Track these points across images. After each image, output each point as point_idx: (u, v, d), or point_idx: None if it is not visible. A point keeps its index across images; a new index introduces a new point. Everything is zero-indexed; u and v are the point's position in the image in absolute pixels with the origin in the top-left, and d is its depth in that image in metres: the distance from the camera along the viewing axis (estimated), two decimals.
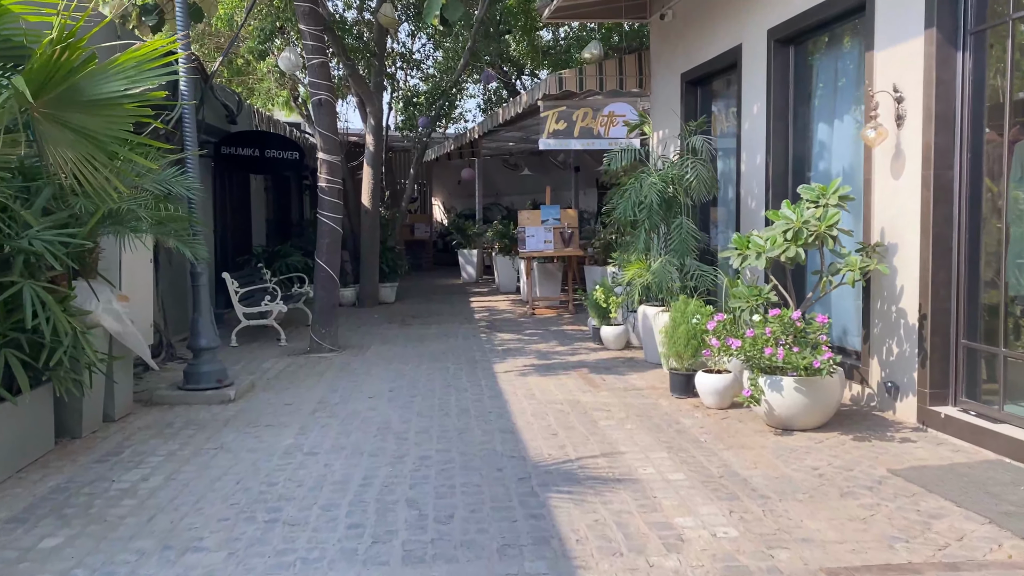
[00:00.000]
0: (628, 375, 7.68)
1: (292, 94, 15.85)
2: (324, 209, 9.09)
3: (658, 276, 7.38)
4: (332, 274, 9.14)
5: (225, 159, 10.90)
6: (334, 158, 9.02)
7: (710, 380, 6.22)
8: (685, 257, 7.53)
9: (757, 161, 7.96)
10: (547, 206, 13.08)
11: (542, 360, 8.52)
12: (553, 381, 7.42)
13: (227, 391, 6.84)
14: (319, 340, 9.09)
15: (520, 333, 10.52)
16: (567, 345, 9.51)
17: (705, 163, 7.61)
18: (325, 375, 7.86)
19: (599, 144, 11.24)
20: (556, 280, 13.32)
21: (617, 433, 5.63)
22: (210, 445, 5.51)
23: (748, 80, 8.13)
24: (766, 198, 7.74)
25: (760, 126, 7.86)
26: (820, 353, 5.35)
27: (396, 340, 10.00)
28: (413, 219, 23.37)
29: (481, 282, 18.13)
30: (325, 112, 8.96)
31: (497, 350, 9.20)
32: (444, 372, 7.90)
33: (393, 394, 6.96)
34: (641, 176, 7.88)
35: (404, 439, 5.55)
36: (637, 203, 7.71)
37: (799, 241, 5.44)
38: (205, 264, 6.96)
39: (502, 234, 15.89)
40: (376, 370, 8.04)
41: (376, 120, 13.57)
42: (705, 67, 9.20)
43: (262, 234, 14.75)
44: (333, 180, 9.04)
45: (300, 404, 6.67)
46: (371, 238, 13.65)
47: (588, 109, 11.15)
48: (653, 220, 7.68)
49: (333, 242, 9.15)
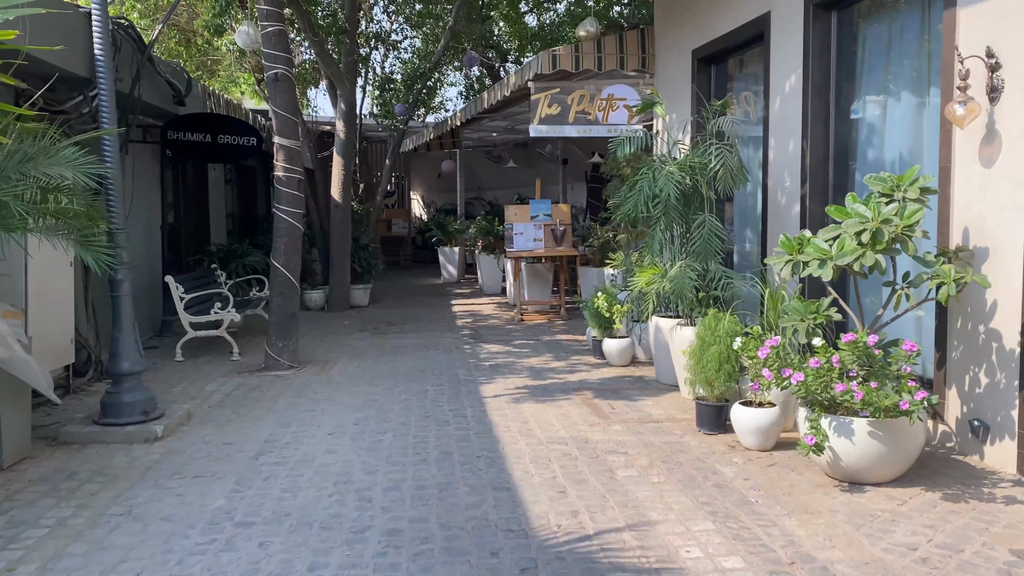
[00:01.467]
0: (640, 400, 6.47)
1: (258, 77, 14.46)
2: (281, 203, 7.80)
3: (676, 284, 6.17)
4: (291, 278, 7.85)
5: (173, 145, 9.56)
6: (292, 143, 7.73)
7: (751, 416, 5.03)
8: (708, 261, 6.33)
9: (790, 148, 6.78)
10: (537, 200, 11.86)
11: (537, 380, 7.30)
12: (553, 409, 6.19)
13: (154, 426, 5.55)
14: (276, 356, 7.80)
15: (509, 343, 9.29)
16: (563, 359, 8.28)
17: (732, 149, 6.41)
18: (279, 401, 6.58)
19: (596, 131, 10.03)
20: (546, 282, 12.10)
21: (642, 489, 4.41)
22: (115, 509, 4.23)
23: (779, 53, 6.94)
24: (801, 192, 6.56)
25: (794, 107, 6.67)
26: (906, 390, 4.16)
27: (367, 353, 8.73)
28: (390, 214, 22.07)
29: (463, 282, 16.87)
30: (282, 89, 7.67)
31: (484, 366, 7.97)
32: (422, 397, 6.65)
33: (359, 429, 5.70)
34: (655, 166, 6.67)
35: (368, 500, 4.29)
36: (651, 197, 6.49)
37: (879, 245, 4.23)
38: (125, 270, 5.65)
39: (486, 231, 14.65)
40: (340, 394, 6.77)
41: (347, 105, 12.25)
42: (722, 41, 7.99)
43: (222, 231, 13.39)
44: (291, 169, 7.75)
45: (242, 444, 5.39)
46: (342, 235, 12.35)
47: (584, 92, 9.93)
48: (670, 217, 6.47)
49: (292, 241, 7.86)
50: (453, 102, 23.21)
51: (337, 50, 12.89)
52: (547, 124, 9.98)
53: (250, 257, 10.57)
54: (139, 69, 7.80)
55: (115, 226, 5.56)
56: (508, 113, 15.60)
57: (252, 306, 9.67)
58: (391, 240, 21.72)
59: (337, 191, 12.34)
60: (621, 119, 9.92)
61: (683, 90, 8.90)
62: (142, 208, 9.68)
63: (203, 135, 9.47)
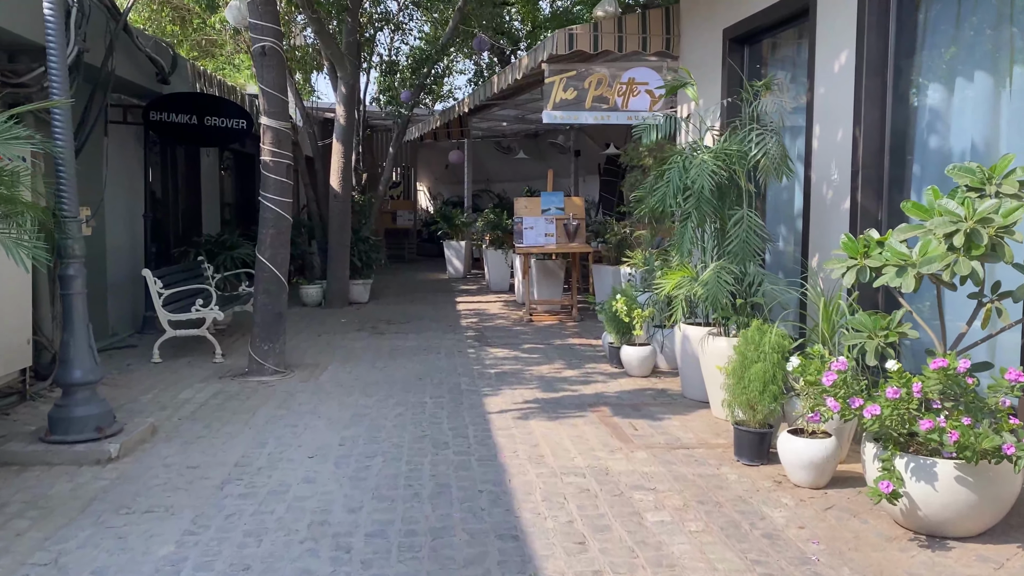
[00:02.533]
0: (666, 419, 5.71)
1: None
2: (268, 191, 7.05)
3: (710, 289, 5.40)
4: (277, 274, 7.11)
5: (156, 127, 8.81)
6: (281, 124, 6.97)
7: (803, 448, 4.26)
8: (747, 263, 5.56)
9: (838, 136, 5.99)
10: (548, 193, 11.08)
11: (547, 392, 6.54)
12: (567, 429, 5.44)
13: (108, 445, 4.82)
14: (260, 359, 7.07)
15: (517, 348, 8.53)
16: (577, 367, 7.53)
17: (776, 135, 5.63)
18: (259, 413, 5.84)
19: (616, 118, 9.24)
20: (557, 280, 11.33)
21: (677, 541, 3.65)
22: (40, 557, 3.50)
23: (826, 28, 6.15)
24: (852, 186, 5.78)
25: (844, 89, 5.88)
26: (1008, 428, 3.38)
27: (362, 356, 7.99)
28: (395, 205, 21.33)
29: (469, 278, 16.12)
30: (269, 64, 6.91)
31: (489, 374, 7.21)
32: (419, 411, 5.90)
33: (344, 451, 4.95)
34: (685, 154, 5.89)
35: (347, 551, 3.54)
36: (681, 189, 5.71)
37: (976, 249, 3.45)
38: (78, 264, 4.91)
39: (494, 224, 13.88)
40: (327, 407, 6.03)
41: (348, 88, 11.49)
42: (758, 18, 7.20)
43: (216, 220, 12.66)
44: (280, 153, 7.00)
45: (209, 467, 4.66)
46: (340, 227, 11.60)
47: (603, 75, 9.14)
48: (702, 213, 5.69)
49: (279, 233, 7.11)
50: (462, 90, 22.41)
51: (338, 29, 12.12)
52: (562, 110, 9.20)
53: (240, 249, 9.84)
54: (112, 40, 7.05)
55: (65, 213, 4.82)
56: (519, 101, 14.83)
57: (241, 302, 8.95)
58: (396, 232, 20.99)
59: (336, 180, 11.59)
60: (643, 105, 9.13)
61: (712, 73, 8.11)
62: (123, 195, 8.96)
63: (189, 116, 8.72)
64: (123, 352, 8.19)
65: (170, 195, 10.83)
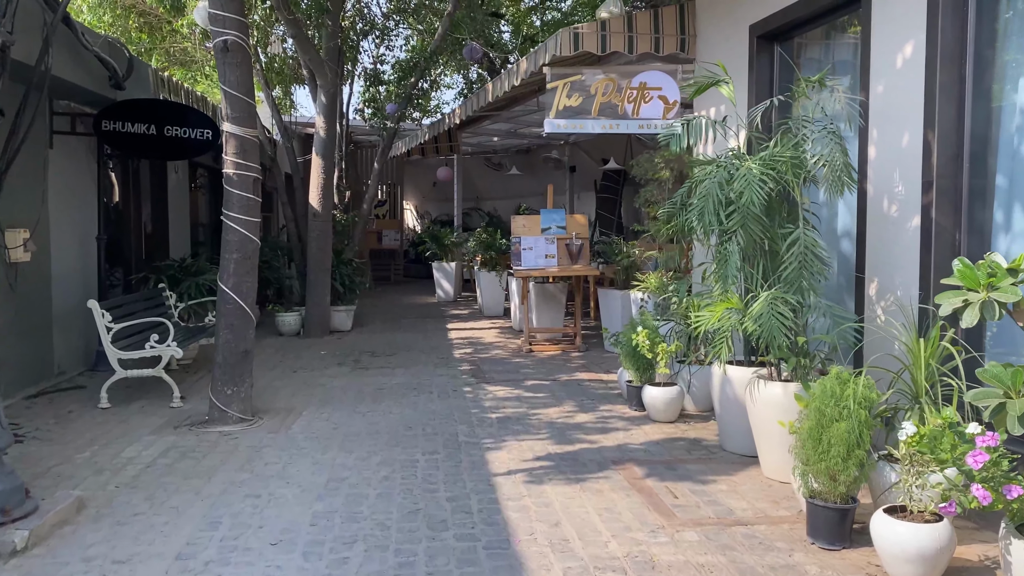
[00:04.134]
0: (710, 482, 4.72)
1: None
2: (232, 209, 6.06)
3: (764, 323, 4.44)
4: (243, 306, 6.10)
5: (109, 138, 7.81)
6: (247, 131, 5.99)
7: (909, 537, 3.29)
8: (806, 292, 4.61)
9: (903, 142, 5.08)
10: (549, 210, 10.14)
11: (561, 444, 5.55)
12: (592, 498, 4.45)
13: (13, 534, 3.78)
14: (222, 406, 6.04)
15: (519, 384, 7.54)
16: (590, 410, 6.54)
17: (838, 139, 4.70)
18: (215, 478, 4.82)
19: (625, 127, 8.32)
20: (559, 305, 10.35)
21: None
22: None
23: (885, 16, 5.25)
24: (924, 200, 4.85)
25: (910, 85, 4.98)
26: None
27: (342, 398, 6.97)
28: (381, 225, 20.34)
29: (460, 301, 15.13)
30: (233, 61, 5.94)
31: (490, 419, 6.22)
32: (409, 473, 4.89)
33: (316, 534, 3.94)
34: (725, 163, 4.96)
35: None
36: (722, 204, 4.77)
37: None
38: None
39: (487, 244, 12.91)
40: (299, 468, 5.02)
41: (328, 97, 10.53)
42: (795, 10, 6.30)
43: (185, 243, 11.62)
44: (245, 165, 6.01)
45: (141, 563, 3.63)
46: (321, 249, 10.61)
47: (611, 79, 8.23)
48: (749, 231, 4.75)
49: (245, 258, 6.11)
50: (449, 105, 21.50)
51: (318, 34, 11.18)
52: (566, 118, 8.28)
53: (207, 275, 8.81)
54: (49, 34, 6.06)
55: None
56: (512, 114, 13.93)
57: (207, 334, 7.91)
58: (381, 253, 19.99)
59: (316, 197, 10.60)
60: (655, 112, 8.22)
61: (736, 76, 7.18)
62: (72, 214, 7.94)
63: (146, 126, 7.72)
64: (68, 395, 7.14)
65: (131, 215, 9.81)
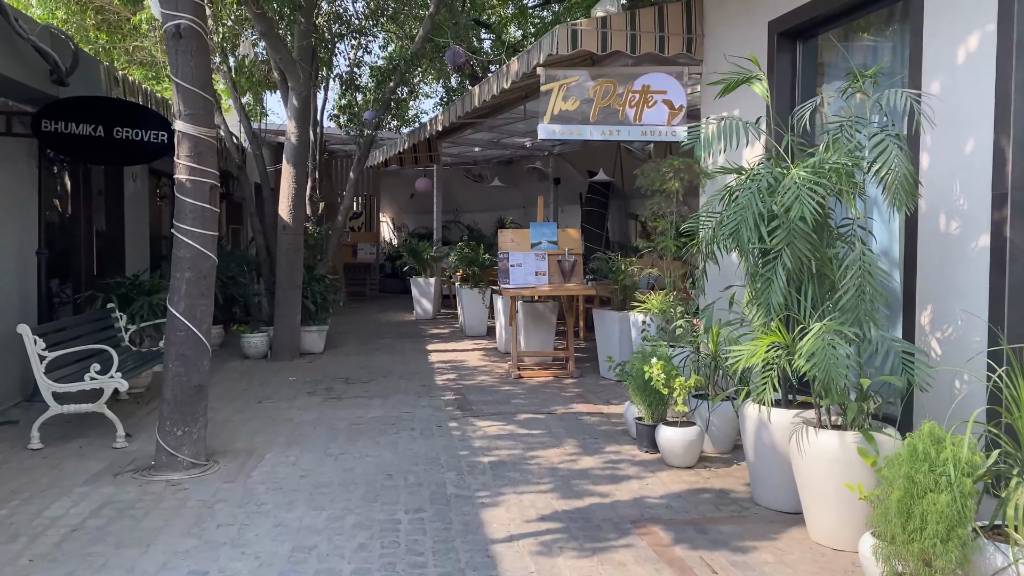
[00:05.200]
0: (750, 549, 3.96)
1: None
2: (184, 220, 5.23)
3: (820, 361, 3.70)
4: (197, 334, 5.26)
5: (50, 140, 6.94)
6: (202, 131, 5.18)
7: None
8: (866, 324, 3.89)
9: (966, 148, 4.38)
10: (539, 224, 9.40)
11: (568, 497, 4.77)
12: (614, 573, 3.66)
13: None
14: (171, 450, 5.19)
15: (511, 418, 6.75)
16: (595, 451, 5.77)
17: (901, 143, 3.99)
18: (153, 548, 3.96)
19: (627, 133, 7.61)
20: (549, 326, 9.58)
21: None
22: None
23: (943, 4, 4.58)
24: (995, 216, 4.15)
25: (976, 84, 4.29)
26: None
27: (312, 436, 6.14)
28: (356, 238, 19.48)
29: (439, 319, 14.31)
30: (187, 49, 5.12)
31: (482, 465, 5.42)
32: (391, 540, 4.08)
33: None
34: (761, 173, 4.23)
35: None
36: (763, 217, 4.04)
37: None
38: None
39: (470, 259, 12.11)
40: (257, 531, 4.18)
41: (300, 101, 9.72)
42: (825, 4, 5.63)
43: (144, 257, 10.70)
44: (200, 170, 5.19)
45: None
46: (291, 264, 9.77)
47: (611, 82, 7.52)
48: (796, 251, 4.02)
49: (200, 278, 5.28)
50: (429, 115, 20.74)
51: (290, 33, 10.37)
52: (561, 123, 7.54)
53: (161, 293, 7.94)
54: None
55: None
56: (494, 124, 13.22)
57: (161, 361, 7.01)
58: (356, 267, 19.13)
59: (286, 209, 9.77)
60: (659, 118, 7.52)
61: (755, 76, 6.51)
62: (8, 226, 7.05)
63: (93, 127, 6.87)
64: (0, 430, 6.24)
65: (80, 226, 8.90)
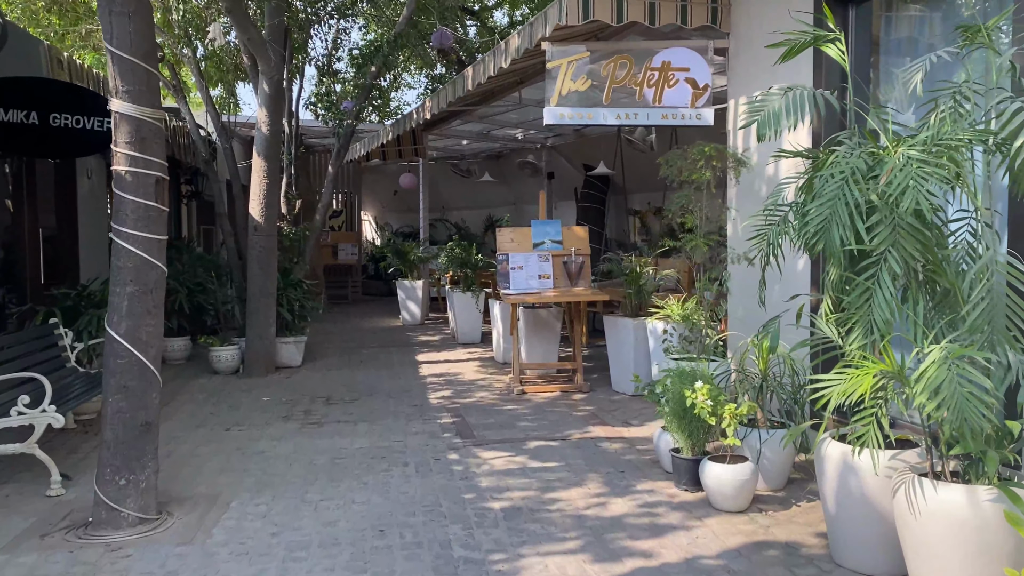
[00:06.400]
0: None
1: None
2: (125, 222, 4.25)
3: (949, 398, 2.81)
4: (143, 360, 4.28)
5: None
6: (147, 112, 4.20)
7: None
8: (1001, 346, 3.00)
9: None
10: (541, 222, 8.47)
11: (603, 559, 3.84)
12: None
13: None
14: (113, 503, 4.21)
15: (520, 448, 5.82)
16: (625, 490, 4.84)
17: None
18: None
19: (645, 117, 6.69)
20: (553, 334, 8.64)
21: None
22: None
23: None
24: None
25: None
26: None
27: (288, 476, 5.17)
28: (336, 238, 18.45)
29: (428, 324, 13.35)
30: (123, 10, 4.13)
31: (492, 514, 4.48)
32: None
33: None
34: (857, 151, 3.32)
35: None
36: (862, 211, 3.14)
37: None
38: None
39: (462, 261, 11.16)
40: None
41: (272, 87, 8.72)
42: None
43: (102, 264, 9.62)
44: (144, 160, 4.21)
45: None
46: (263, 268, 8.78)
47: (627, 58, 6.60)
48: (904, 253, 3.12)
49: (144, 293, 4.30)
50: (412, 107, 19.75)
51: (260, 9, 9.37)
52: (570, 106, 6.61)
53: None
54: None
55: None
56: (484, 114, 12.28)
57: None
58: (337, 269, 18.08)
59: (257, 207, 8.77)
60: (682, 99, 6.60)
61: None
62: None
63: (24, 113, 5.86)
64: None
65: (23, 230, 7.87)
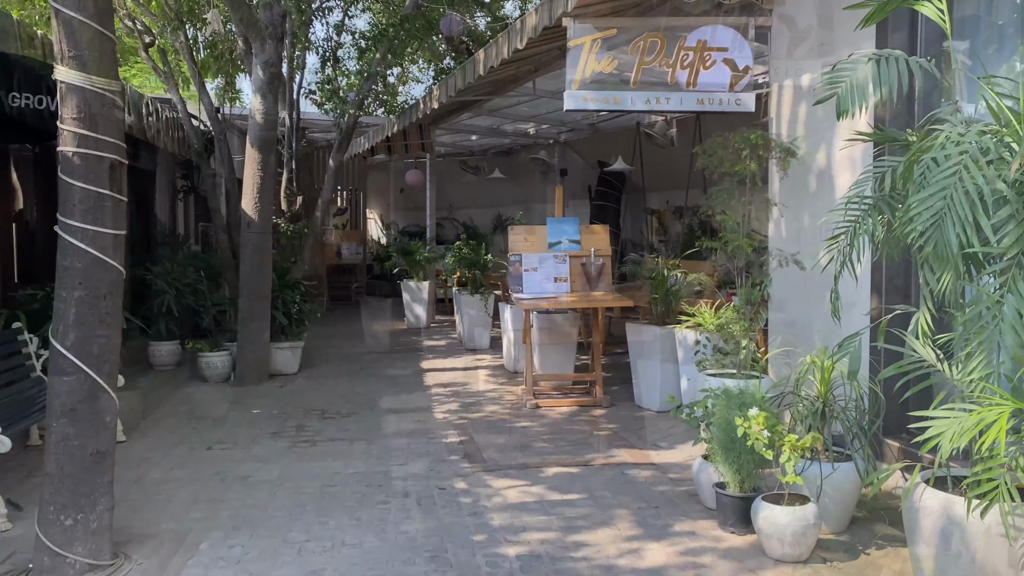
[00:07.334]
0: None
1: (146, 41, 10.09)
2: (72, 214, 3.57)
3: None
4: (95, 379, 3.61)
5: None
6: (99, 83, 3.52)
7: None
8: None
9: None
10: (557, 220, 7.76)
11: None
12: None
13: None
14: (57, 547, 3.53)
15: (537, 477, 5.11)
16: (662, 533, 4.14)
17: None
18: None
19: (678, 102, 6.00)
20: (569, 342, 7.92)
21: None
22: None
23: None
24: None
25: None
26: None
27: (270, 510, 4.49)
28: (341, 237, 17.77)
29: (434, 327, 12.65)
30: None
31: (508, 565, 3.77)
32: None
33: None
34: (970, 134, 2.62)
35: None
36: (988, 205, 2.44)
37: None
38: None
39: (470, 262, 10.45)
40: None
41: (268, 72, 8.04)
42: None
43: None
44: (96, 139, 3.54)
45: None
46: (256, 268, 8.10)
47: (658, 36, 5.90)
48: None
49: (95, 299, 3.63)
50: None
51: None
52: (594, 89, 5.91)
53: None
54: None
55: None
56: (494, 107, 11.62)
57: None
58: (341, 269, 17.40)
59: (250, 202, 8.10)
60: (719, 81, 5.90)
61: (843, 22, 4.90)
62: None
63: None
64: None
65: None
